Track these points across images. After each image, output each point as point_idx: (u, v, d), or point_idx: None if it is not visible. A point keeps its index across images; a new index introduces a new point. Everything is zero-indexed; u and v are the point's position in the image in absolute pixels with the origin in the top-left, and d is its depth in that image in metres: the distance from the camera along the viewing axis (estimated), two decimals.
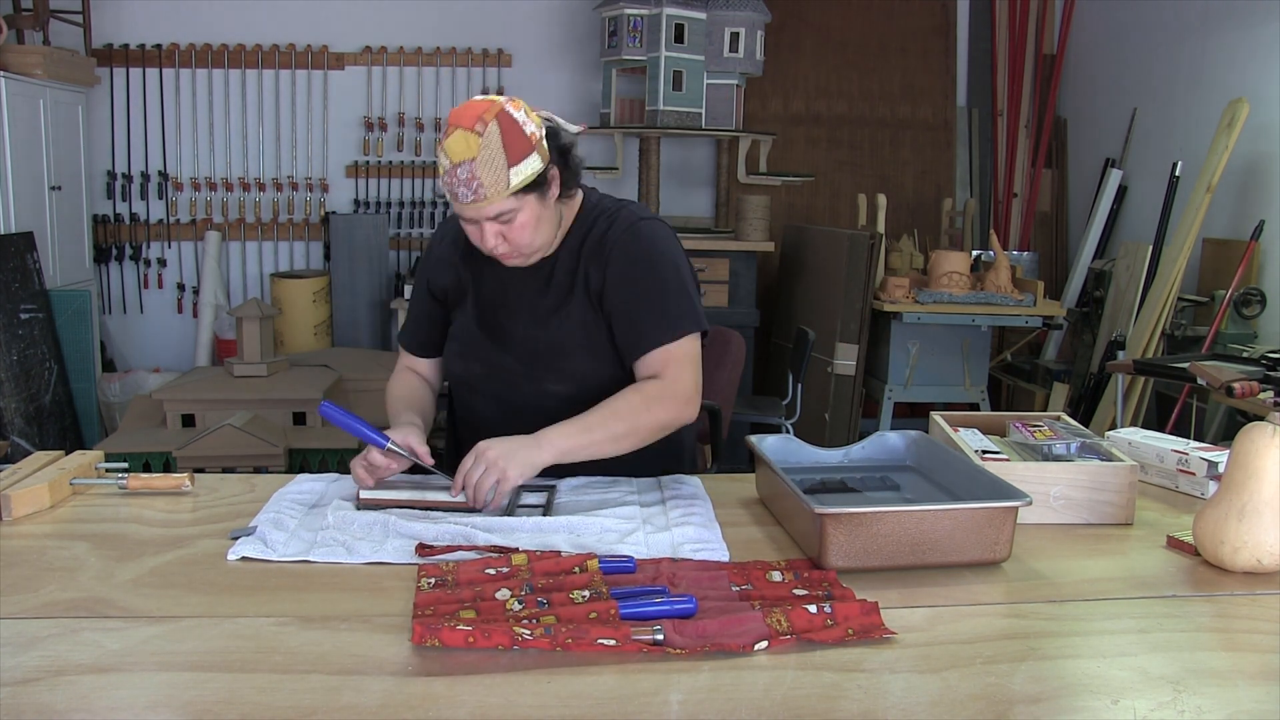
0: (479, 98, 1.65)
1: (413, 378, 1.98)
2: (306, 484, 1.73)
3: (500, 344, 1.84)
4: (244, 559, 1.39)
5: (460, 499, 1.59)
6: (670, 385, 1.73)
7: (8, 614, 1.20)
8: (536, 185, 1.65)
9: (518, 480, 1.59)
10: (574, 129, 1.77)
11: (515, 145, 1.60)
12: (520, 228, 1.67)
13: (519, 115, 1.62)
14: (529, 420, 1.71)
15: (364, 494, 1.60)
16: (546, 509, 1.59)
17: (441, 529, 1.46)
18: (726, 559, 1.40)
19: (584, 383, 1.80)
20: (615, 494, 1.67)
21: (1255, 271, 4.05)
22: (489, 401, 1.87)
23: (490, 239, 1.68)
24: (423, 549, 1.40)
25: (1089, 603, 1.28)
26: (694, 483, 1.74)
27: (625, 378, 1.80)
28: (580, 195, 1.86)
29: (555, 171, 1.70)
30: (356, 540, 1.44)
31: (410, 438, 1.68)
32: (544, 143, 1.66)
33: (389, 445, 1.64)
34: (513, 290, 1.84)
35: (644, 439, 1.72)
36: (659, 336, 1.75)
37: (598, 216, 1.83)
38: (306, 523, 1.52)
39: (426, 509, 1.57)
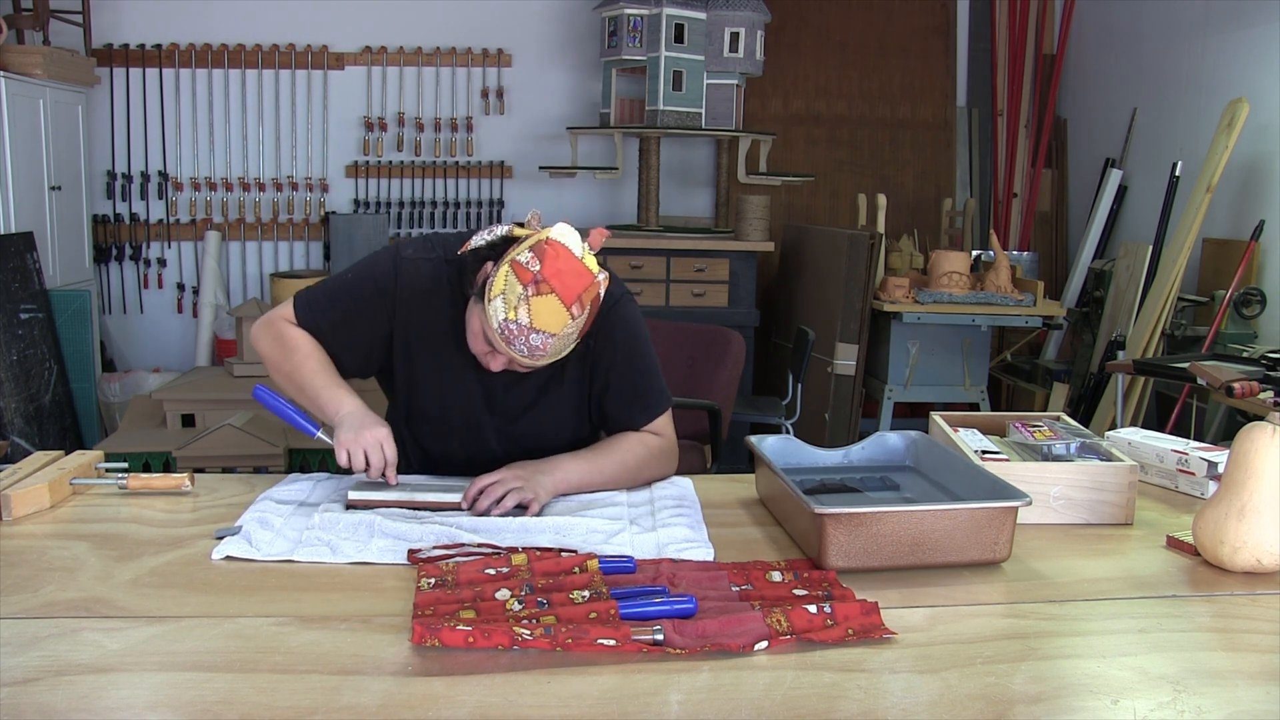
0: (590, 259, 1.59)
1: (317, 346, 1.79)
2: (295, 484, 1.73)
3: (484, 423, 1.79)
4: (229, 558, 1.39)
5: (447, 499, 1.59)
6: (666, 445, 1.82)
7: (8, 614, 1.20)
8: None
9: (542, 503, 1.60)
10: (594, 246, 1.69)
11: (588, 327, 1.62)
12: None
13: (601, 290, 1.61)
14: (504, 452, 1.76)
15: (352, 494, 1.60)
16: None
17: (426, 529, 1.46)
18: (712, 558, 1.40)
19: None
20: (603, 494, 1.67)
21: (1255, 271, 4.05)
22: (457, 471, 1.82)
23: (497, 367, 1.65)
24: (413, 556, 1.39)
25: (1089, 603, 1.28)
26: (683, 484, 1.75)
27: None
28: None
29: None
30: (341, 540, 1.44)
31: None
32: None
33: (318, 435, 1.67)
34: (498, 378, 1.75)
35: (631, 485, 1.76)
36: (652, 415, 1.82)
37: None
38: (292, 522, 1.52)
39: (415, 509, 1.57)
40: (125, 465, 1.74)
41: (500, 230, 1.62)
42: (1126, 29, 5.13)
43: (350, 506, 1.58)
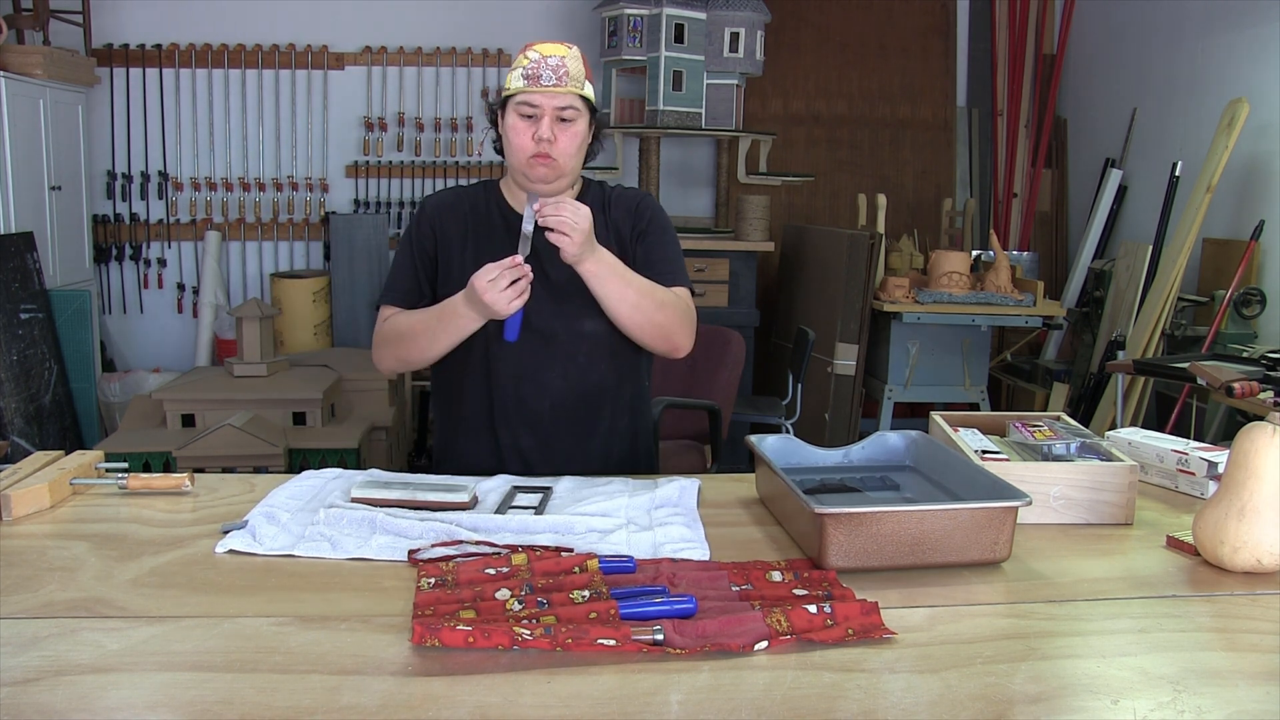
0: None
1: None
2: (306, 481, 1.73)
3: (536, 292, 1.85)
4: (231, 552, 1.40)
5: (449, 498, 1.59)
6: (688, 310, 1.94)
7: (8, 614, 1.20)
8: (592, 110, 1.88)
9: (580, 239, 1.72)
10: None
11: (588, 70, 1.86)
12: (572, 135, 1.84)
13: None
14: (563, 367, 1.89)
15: (356, 492, 1.61)
16: (539, 510, 1.60)
17: (427, 526, 1.47)
18: (707, 557, 1.40)
19: (610, 320, 1.90)
20: (605, 493, 1.67)
21: (1255, 271, 4.05)
22: (521, 352, 1.90)
23: (541, 133, 1.81)
24: (413, 556, 1.39)
25: (1089, 603, 1.28)
26: (683, 483, 1.73)
27: None
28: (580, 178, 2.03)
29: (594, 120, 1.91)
30: (343, 536, 1.45)
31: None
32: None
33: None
34: (538, 239, 1.87)
35: (646, 324, 1.87)
36: (677, 281, 1.95)
37: (608, 190, 2.02)
38: (299, 518, 1.53)
39: (417, 508, 1.58)
40: (125, 465, 1.74)
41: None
42: (1126, 29, 5.14)
43: (354, 502, 1.59)
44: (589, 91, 1.85)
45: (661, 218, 2.00)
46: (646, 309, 1.84)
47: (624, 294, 1.82)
